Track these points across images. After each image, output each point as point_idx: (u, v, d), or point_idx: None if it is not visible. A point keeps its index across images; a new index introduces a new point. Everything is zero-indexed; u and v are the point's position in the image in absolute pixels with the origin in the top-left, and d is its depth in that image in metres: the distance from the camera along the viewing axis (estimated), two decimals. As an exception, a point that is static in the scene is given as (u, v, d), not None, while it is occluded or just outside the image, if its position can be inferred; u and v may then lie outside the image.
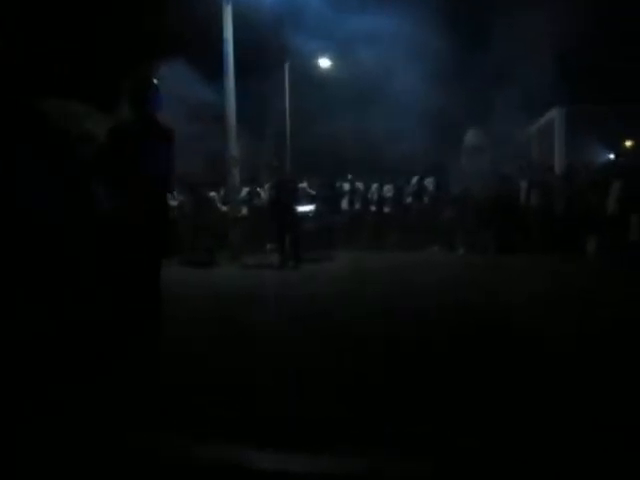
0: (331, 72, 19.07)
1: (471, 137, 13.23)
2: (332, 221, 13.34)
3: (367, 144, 15.99)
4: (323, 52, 18.59)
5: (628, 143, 14.63)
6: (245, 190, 13.83)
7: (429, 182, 13.36)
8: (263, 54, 16.47)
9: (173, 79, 8.49)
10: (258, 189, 13.91)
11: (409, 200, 13.53)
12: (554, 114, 15.62)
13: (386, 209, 13.80)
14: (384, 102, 15.05)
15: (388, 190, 13.87)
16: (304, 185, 13.27)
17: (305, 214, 12.00)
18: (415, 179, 13.50)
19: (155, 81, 3.97)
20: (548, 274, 7.78)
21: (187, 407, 2.25)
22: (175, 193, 11.13)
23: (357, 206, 14.18)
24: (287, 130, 17.88)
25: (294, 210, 10.62)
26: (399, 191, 13.72)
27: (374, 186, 14.03)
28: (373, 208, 13.94)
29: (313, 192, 13.22)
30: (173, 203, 10.82)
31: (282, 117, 18.01)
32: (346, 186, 14.33)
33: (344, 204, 14.19)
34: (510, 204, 11.68)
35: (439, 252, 12.30)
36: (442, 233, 12.67)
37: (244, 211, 13.28)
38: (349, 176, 14.44)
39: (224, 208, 12.61)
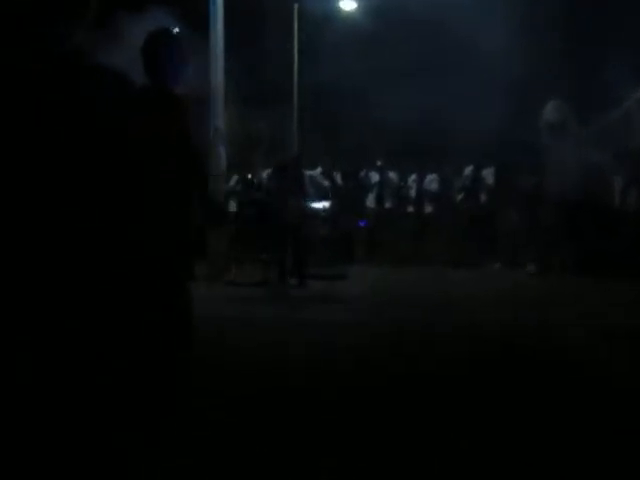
0: (356, 17, 19.00)
1: (551, 111, 12.64)
2: (352, 224, 13.44)
3: (407, 120, 15.82)
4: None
5: None
6: (234, 178, 13.90)
7: (488, 173, 13.34)
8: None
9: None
10: (252, 177, 14.03)
11: (460, 197, 13.52)
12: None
13: (428, 208, 13.85)
14: (430, 62, 15.64)
15: (431, 182, 13.89)
16: (315, 173, 13.38)
17: (315, 213, 12.01)
18: (469, 169, 13.45)
19: (174, 34, 3.95)
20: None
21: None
22: None
23: (388, 204, 14.25)
24: (294, 97, 17.44)
25: (299, 207, 10.50)
26: (447, 184, 13.73)
27: (412, 177, 14.04)
28: (410, 208, 14.04)
29: (326, 182, 13.36)
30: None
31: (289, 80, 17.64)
32: (374, 176, 14.33)
33: (370, 201, 14.22)
34: (601, 207, 11.68)
35: (501, 270, 12.25)
36: (505, 244, 12.66)
37: (232, 207, 13.37)
38: (378, 162, 14.42)
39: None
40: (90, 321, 2.41)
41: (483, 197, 13.36)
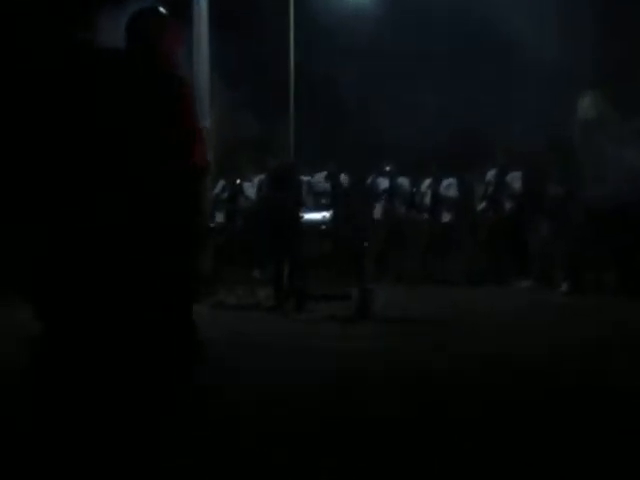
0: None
1: (587, 105, 12.43)
2: (359, 236, 12.75)
3: (422, 116, 15.97)
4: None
5: None
6: (220, 184, 14.02)
7: (514, 177, 13.30)
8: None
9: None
10: (242, 182, 14.05)
11: (482, 205, 13.52)
12: None
13: (445, 217, 13.86)
14: (452, 50, 15.89)
15: (448, 187, 13.94)
16: (315, 179, 13.63)
17: (316, 225, 11.58)
18: (492, 173, 13.44)
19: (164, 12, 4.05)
20: None
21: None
22: None
23: (398, 212, 14.33)
24: (290, 89, 17.44)
25: (297, 218, 10.57)
26: (467, 190, 13.83)
27: (426, 182, 14.10)
28: (425, 216, 14.07)
29: (326, 187, 13.59)
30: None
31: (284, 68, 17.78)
32: (383, 182, 14.39)
33: (378, 210, 14.27)
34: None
35: (531, 289, 12.17)
36: (535, 259, 12.64)
37: (219, 218, 13.52)
38: (387, 168, 14.43)
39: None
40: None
41: (508, 205, 13.30)
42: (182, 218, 3.63)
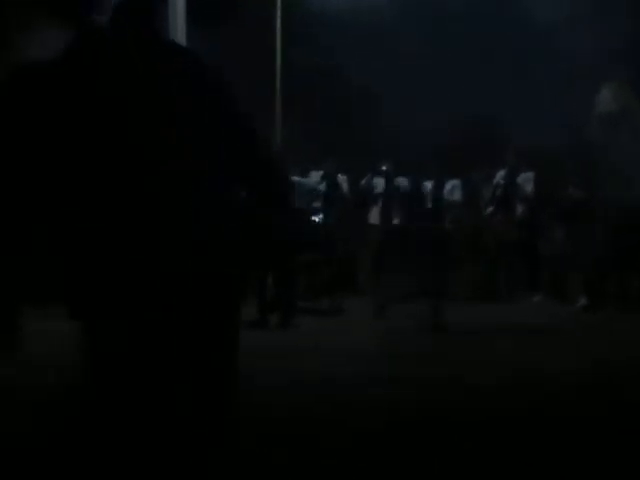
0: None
1: (608, 97, 12.36)
2: (351, 244, 13.67)
3: (423, 111, 15.58)
4: None
5: None
6: None
7: (526, 179, 13.33)
8: None
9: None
10: None
11: (490, 210, 13.54)
12: None
13: (449, 224, 13.73)
14: (459, 38, 15.92)
15: (453, 190, 13.92)
16: (307, 180, 13.59)
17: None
18: (501, 174, 13.41)
19: None
20: None
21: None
22: None
23: (397, 219, 14.14)
24: (276, 83, 17.58)
25: (284, 223, 9.90)
26: (474, 193, 13.89)
27: (428, 184, 14.00)
28: (427, 223, 13.69)
29: (320, 188, 13.48)
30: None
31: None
32: (379, 183, 14.27)
33: (374, 215, 14.21)
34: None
35: (543, 304, 12.19)
36: (549, 271, 12.80)
37: None
38: (383, 167, 14.28)
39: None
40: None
41: (520, 210, 13.30)
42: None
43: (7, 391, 5.66)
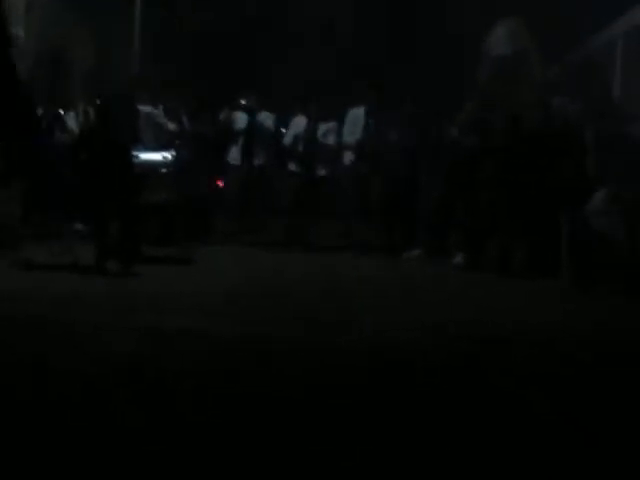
0: None
1: (503, 38, 12.47)
2: (208, 185, 13.76)
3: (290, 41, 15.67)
4: None
5: None
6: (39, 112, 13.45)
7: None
8: None
9: None
10: (66, 113, 13.50)
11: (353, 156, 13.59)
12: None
13: (322, 171, 13.90)
14: None
15: (327, 132, 13.79)
16: (155, 111, 13.46)
17: (153, 167, 12.16)
18: (361, 111, 13.41)
19: None
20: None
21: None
22: None
23: (260, 160, 14.29)
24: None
25: (127, 159, 10.73)
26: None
27: (300, 122, 13.91)
28: (293, 167, 13.92)
29: (172, 125, 13.43)
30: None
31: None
32: (241, 119, 14.25)
33: (234, 155, 14.18)
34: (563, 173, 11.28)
35: (420, 260, 12.18)
36: (426, 224, 12.58)
37: None
38: (242, 101, 14.37)
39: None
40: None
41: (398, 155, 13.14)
42: None
43: None
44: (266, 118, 14.21)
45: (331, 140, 13.73)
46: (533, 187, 11.23)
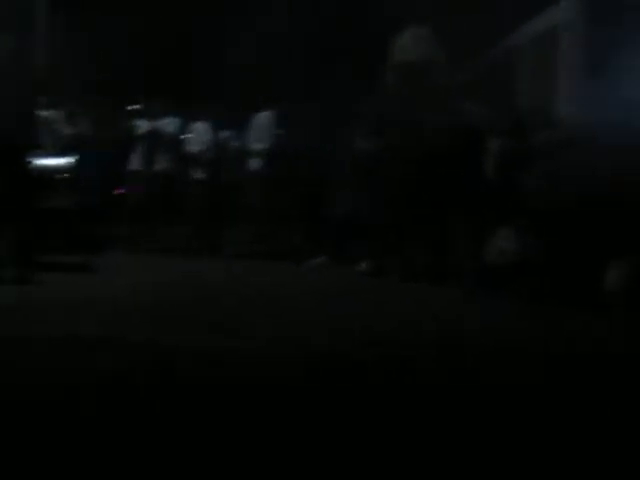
0: None
1: (409, 45, 12.48)
2: (109, 191, 13.74)
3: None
4: None
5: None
6: None
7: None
8: None
9: None
10: None
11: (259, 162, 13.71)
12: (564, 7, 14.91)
13: (227, 177, 13.94)
14: None
15: (228, 139, 13.92)
16: (54, 114, 13.19)
17: (52, 172, 11.93)
18: (266, 116, 13.55)
19: None
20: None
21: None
22: None
23: (162, 165, 14.22)
24: None
25: (23, 163, 10.49)
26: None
27: (199, 128, 13.96)
28: (200, 174, 13.91)
29: (73, 130, 13.32)
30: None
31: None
32: (141, 125, 14.29)
33: (134, 160, 14.19)
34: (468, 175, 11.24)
35: (324, 266, 12.32)
36: (334, 229, 12.72)
37: None
38: (137, 105, 14.52)
39: None
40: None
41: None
42: None
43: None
44: (169, 123, 14.17)
45: (235, 145, 13.82)
46: (434, 192, 11.22)
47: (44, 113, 12.57)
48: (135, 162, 14.04)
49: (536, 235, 10.53)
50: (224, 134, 13.86)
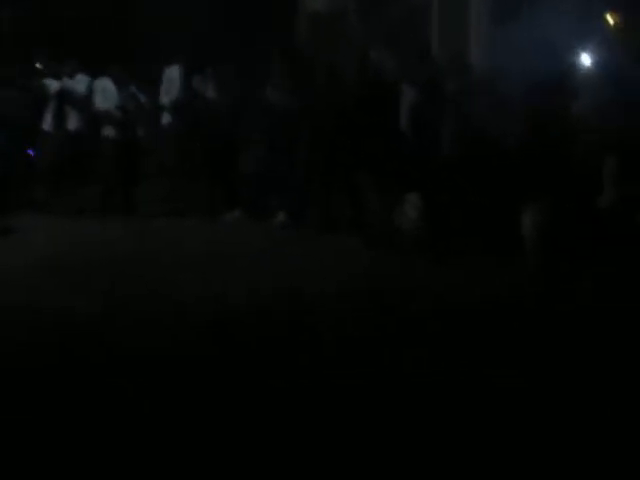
0: None
1: None
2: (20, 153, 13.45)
3: None
4: None
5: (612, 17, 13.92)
6: None
7: (202, 80, 13.28)
8: None
9: None
10: None
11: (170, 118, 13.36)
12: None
13: (140, 134, 13.61)
14: None
15: (137, 94, 13.54)
16: None
17: None
18: (172, 71, 13.23)
19: None
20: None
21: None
22: None
23: (73, 125, 13.75)
24: None
25: None
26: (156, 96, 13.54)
27: (105, 84, 13.43)
28: (110, 132, 13.43)
29: None
30: None
31: None
32: (51, 85, 13.76)
33: (48, 122, 13.72)
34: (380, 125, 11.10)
35: (240, 221, 12.16)
36: (247, 183, 12.51)
37: None
38: (38, 64, 14.20)
39: None
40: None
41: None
42: None
43: None
44: (79, 82, 13.68)
45: (146, 100, 13.56)
46: (350, 143, 11.08)
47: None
48: (46, 123, 13.66)
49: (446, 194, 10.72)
50: (133, 89, 13.51)
